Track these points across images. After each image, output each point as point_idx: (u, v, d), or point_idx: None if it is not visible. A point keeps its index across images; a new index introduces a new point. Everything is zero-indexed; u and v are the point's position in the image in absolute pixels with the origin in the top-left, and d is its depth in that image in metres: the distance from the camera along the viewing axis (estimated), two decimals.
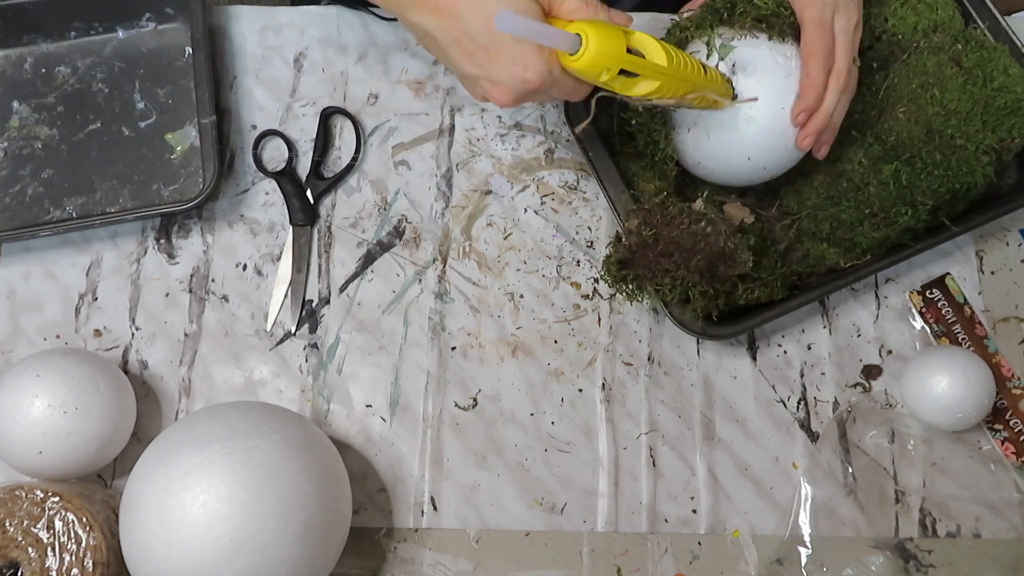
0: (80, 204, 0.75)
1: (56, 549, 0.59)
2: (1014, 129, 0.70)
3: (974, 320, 0.75)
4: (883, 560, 0.68)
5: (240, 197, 0.76)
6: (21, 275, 0.74)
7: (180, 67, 0.79)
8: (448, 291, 0.74)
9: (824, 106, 0.63)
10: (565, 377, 0.72)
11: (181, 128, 0.77)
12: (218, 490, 0.56)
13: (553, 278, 0.75)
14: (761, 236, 0.70)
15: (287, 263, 0.74)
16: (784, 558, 0.68)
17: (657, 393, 0.72)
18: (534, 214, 0.77)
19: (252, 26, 0.81)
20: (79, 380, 0.63)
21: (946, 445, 0.72)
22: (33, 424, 0.61)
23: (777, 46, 0.64)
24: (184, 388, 0.71)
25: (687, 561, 0.68)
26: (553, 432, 0.71)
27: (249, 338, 0.73)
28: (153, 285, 0.74)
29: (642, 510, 0.69)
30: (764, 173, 0.67)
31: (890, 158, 0.69)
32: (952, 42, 0.72)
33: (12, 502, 0.61)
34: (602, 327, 0.74)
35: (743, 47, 0.64)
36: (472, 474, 0.70)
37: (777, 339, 0.74)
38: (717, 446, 0.71)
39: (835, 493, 0.70)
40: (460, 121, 0.79)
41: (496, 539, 0.68)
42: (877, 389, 0.73)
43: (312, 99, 0.79)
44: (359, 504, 0.68)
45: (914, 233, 0.72)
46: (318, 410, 0.71)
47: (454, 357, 0.73)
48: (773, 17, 0.65)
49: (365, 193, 0.77)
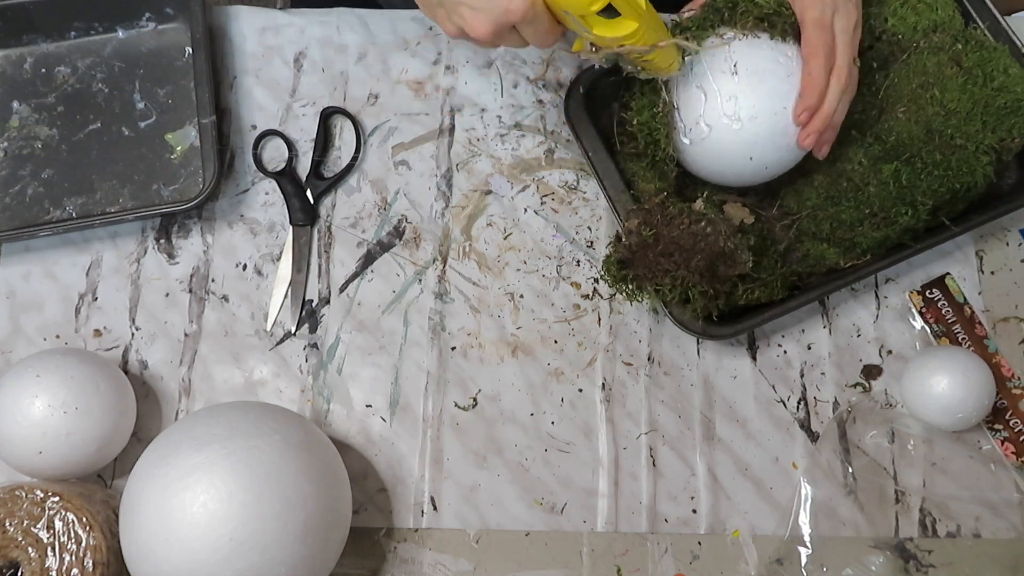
0: (80, 204, 0.75)
1: (56, 549, 0.59)
2: (1014, 129, 0.70)
3: (974, 320, 0.75)
4: (883, 560, 0.68)
5: (240, 197, 0.76)
6: (21, 275, 0.74)
7: (180, 67, 0.79)
8: (448, 291, 0.74)
9: (826, 105, 0.64)
10: (565, 377, 0.72)
11: (181, 128, 0.77)
12: (218, 490, 0.56)
13: (553, 278, 0.75)
14: (761, 236, 0.70)
15: (287, 263, 0.74)
16: (784, 558, 0.68)
17: (657, 393, 0.72)
18: (534, 214, 0.77)
19: (252, 26, 0.81)
20: (79, 380, 0.63)
21: (946, 445, 0.72)
22: (33, 424, 0.61)
23: (779, 46, 0.65)
24: (184, 388, 0.71)
25: (687, 561, 0.68)
26: (553, 432, 0.71)
27: (249, 338, 0.73)
28: (153, 285, 0.74)
29: (642, 510, 0.69)
30: (766, 173, 0.67)
31: (890, 158, 0.69)
32: (952, 42, 0.72)
33: (12, 502, 0.61)
34: (602, 327, 0.74)
35: (745, 47, 0.64)
36: (472, 474, 0.70)
37: (777, 339, 0.74)
38: (717, 446, 0.71)
39: (835, 493, 0.70)
40: (460, 121, 0.79)
41: (496, 539, 0.68)
42: (877, 389, 0.73)
43: (312, 99, 0.79)
44: (359, 504, 0.68)
45: (914, 233, 0.72)
46: (318, 410, 0.71)
47: (454, 357, 0.73)
48: (775, 16, 0.65)
49: (365, 193, 0.77)
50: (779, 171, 0.68)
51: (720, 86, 0.64)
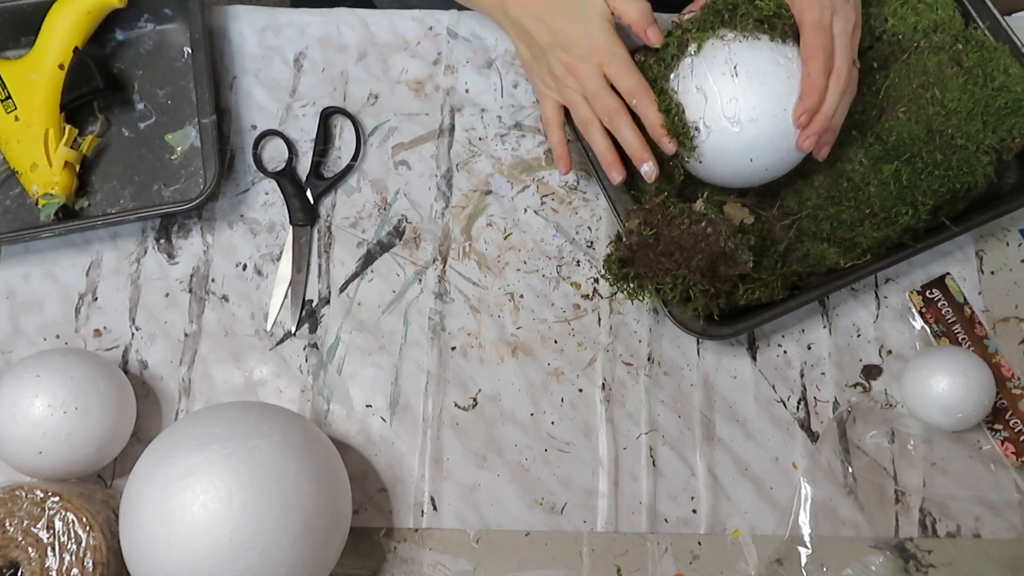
0: (81, 205, 0.75)
1: (56, 549, 0.59)
2: (1014, 129, 0.70)
3: (974, 320, 0.75)
4: (883, 560, 0.68)
5: (240, 197, 0.76)
6: (21, 275, 0.74)
7: (179, 68, 0.79)
8: (448, 291, 0.74)
9: (825, 107, 0.64)
10: (565, 377, 0.72)
11: (181, 128, 0.77)
12: (218, 490, 0.56)
13: (553, 278, 0.75)
14: (761, 236, 0.70)
15: (287, 263, 0.74)
16: (784, 558, 0.68)
17: (657, 393, 0.72)
18: (534, 214, 0.77)
19: (252, 26, 0.81)
20: (79, 380, 0.63)
21: (946, 445, 0.72)
22: (33, 424, 0.61)
23: (779, 47, 0.64)
24: (184, 388, 0.71)
25: (687, 561, 0.68)
26: (553, 432, 0.71)
27: (249, 338, 0.73)
28: (153, 285, 0.74)
29: (642, 510, 0.69)
30: (766, 174, 0.67)
31: (890, 158, 0.69)
32: (952, 42, 0.72)
33: (12, 502, 0.61)
34: (602, 327, 0.74)
35: (745, 48, 0.64)
36: (472, 474, 0.70)
37: (777, 339, 0.74)
38: (717, 446, 0.71)
39: (835, 493, 0.70)
40: (460, 121, 0.79)
41: (496, 539, 0.68)
42: (877, 389, 0.73)
43: (312, 99, 0.79)
44: (359, 504, 0.68)
45: (914, 233, 0.72)
46: (318, 410, 0.71)
47: (454, 357, 0.73)
48: (775, 18, 0.65)
49: (365, 193, 0.77)
50: (779, 172, 0.68)
51: (720, 88, 0.64)
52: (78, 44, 0.74)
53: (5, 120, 0.73)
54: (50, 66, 0.73)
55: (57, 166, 0.72)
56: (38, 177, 0.72)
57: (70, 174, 0.73)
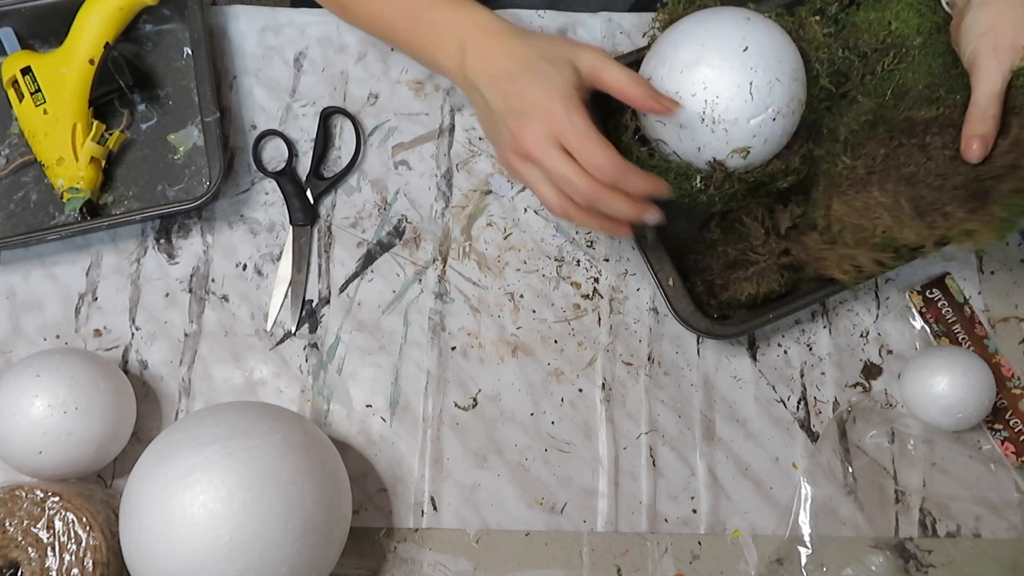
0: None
1: (56, 549, 0.59)
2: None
3: (974, 320, 0.75)
4: (883, 560, 0.68)
5: (240, 197, 0.76)
6: (21, 275, 0.74)
7: (180, 68, 0.79)
8: (448, 291, 0.74)
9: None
10: (565, 377, 0.72)
11: (183, 128, 0.77)
12: (218, 490, 0.56)
13: (553, 278, 0.75)
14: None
15: (287, 263, 0.74)
16: (784, 558, 0.68)
17: (657, 393, 0.72)
18: (534, 214, 0.77)
19: (252, 26, 0.81)
20: (79, 380, 0.63)
21: (946, 445, 0.72)
22: (33, 424, 0.61)
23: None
24: (184, 388, 0.71)
25: (687, 561, 0.68)
26: (553, 432, 0.71)
27: (249, 338, 0.73)
28: (153, 285, 0.74)
29: (642, 510, 0.69)
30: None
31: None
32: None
33: (12, 502, 0.61)
34: (602, 327, 0.74)
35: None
36: (472, 474, 0.70)
37: (777, 339, 0.74)
38: (717, 446, 0.71)
39: (835, 493, 0.70)
40: (460, 121, 0.79)
41: (496, 539, 0.68)
42: (877, 389, 0.73)
43: (312, 99, 0.79)
44: (359, 504, 0.68)
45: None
46: (318, 410, 0.71)
47: (454, 357, 0.73)
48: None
49: (365, 193, 0.77)
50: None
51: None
52: (109, 40, 0.74)
53: (34, 113, 0.73)
54: (80, 61, 0.74)
55: (83, 161, 0.72)
56: (64, 171, 0.72)
57: (96, 169, 0.73)
